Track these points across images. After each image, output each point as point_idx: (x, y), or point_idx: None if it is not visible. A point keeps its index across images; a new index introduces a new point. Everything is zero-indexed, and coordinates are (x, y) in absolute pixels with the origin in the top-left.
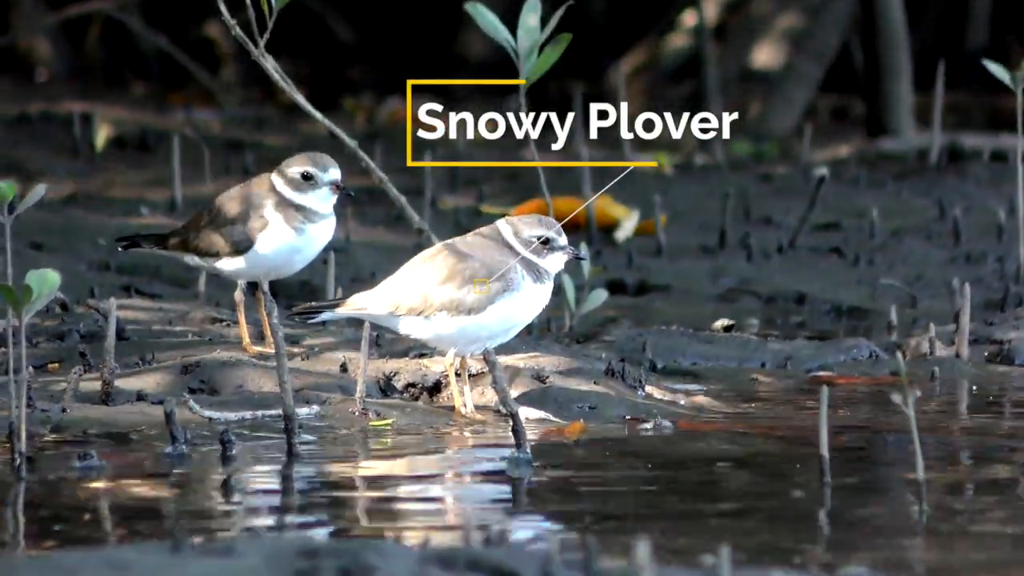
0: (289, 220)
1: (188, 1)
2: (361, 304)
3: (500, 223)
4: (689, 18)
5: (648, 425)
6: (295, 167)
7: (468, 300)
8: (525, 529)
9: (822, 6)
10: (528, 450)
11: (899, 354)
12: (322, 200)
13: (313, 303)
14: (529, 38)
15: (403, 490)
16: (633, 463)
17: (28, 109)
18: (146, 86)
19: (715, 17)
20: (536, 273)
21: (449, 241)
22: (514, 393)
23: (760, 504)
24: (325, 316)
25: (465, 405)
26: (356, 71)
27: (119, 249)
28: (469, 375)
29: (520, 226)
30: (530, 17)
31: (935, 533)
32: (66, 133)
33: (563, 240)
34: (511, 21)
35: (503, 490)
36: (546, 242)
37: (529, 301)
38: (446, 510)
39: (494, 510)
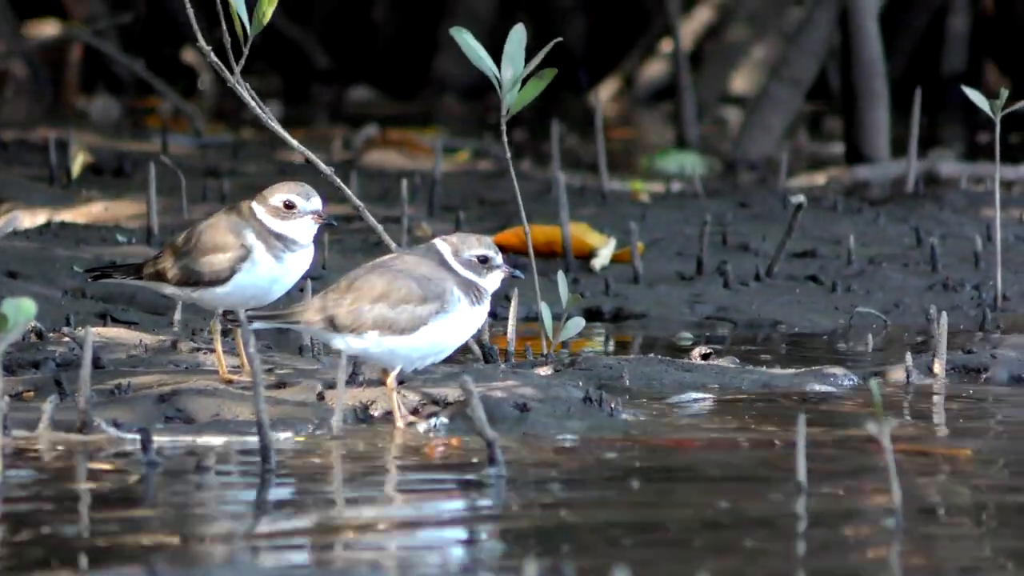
0: (270, 249)
1: (165, 25)
2: (296, 316)
3: (438, 241)
4: (666, 44)
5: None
6: (277, 195)
7: (400, 320)
8: (501, 553)
9: (798, 33)
10: (503, 469)
11: (875, 381)
12: (303, 229)
13: (248, 312)
14: (513, 69)
15: (380, 515)
16: (610, 480)
17: (2, 135)
18: (123, 107)
19: (692, 43)
20: (474, 294)
21: (386, 258)
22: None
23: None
24: (257, 325)
25: (404, 418)
26: (332, 94)
27: (88, 280)
28: (446, 403)
29: (459, 245)
30: (515, 48)
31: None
32: (42, 159)
33: (500, 259)
34: (490, 46)
35: (479, 510)
36: (484, 261)
37: (463, 323)
38: (423, 534)
39: (471, 532)
